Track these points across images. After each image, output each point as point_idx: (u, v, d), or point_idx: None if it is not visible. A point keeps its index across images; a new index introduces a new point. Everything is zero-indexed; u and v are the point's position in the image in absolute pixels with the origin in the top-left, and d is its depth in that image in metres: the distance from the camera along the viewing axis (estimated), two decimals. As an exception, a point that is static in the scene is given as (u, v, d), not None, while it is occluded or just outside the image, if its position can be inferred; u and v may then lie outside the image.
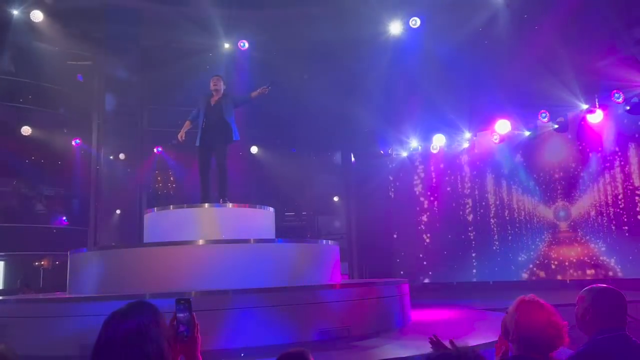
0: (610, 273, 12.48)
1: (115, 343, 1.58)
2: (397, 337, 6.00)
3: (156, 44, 14.23)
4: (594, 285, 2.58)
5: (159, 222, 7.34)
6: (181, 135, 7.66)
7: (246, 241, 6.42)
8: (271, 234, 7.61)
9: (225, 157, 7.56)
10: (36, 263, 15.35)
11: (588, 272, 12.84)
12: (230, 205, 7.36)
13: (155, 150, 16.11)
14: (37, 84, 13.77)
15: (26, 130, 13.86)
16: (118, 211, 16.41)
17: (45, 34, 13.18)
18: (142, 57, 14.07)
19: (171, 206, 7.51)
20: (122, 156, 15.65)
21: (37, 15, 12.54)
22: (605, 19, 11.16)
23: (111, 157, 15.79)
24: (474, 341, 5.05)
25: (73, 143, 14.75)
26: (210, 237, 6.51)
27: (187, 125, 7.68)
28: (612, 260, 12.56)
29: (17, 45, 13.28)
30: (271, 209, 7.82)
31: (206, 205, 7.31)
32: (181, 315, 1.84)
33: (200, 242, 6.25)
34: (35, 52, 13.44)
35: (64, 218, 15.42)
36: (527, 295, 2.27)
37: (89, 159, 14.80)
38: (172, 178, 17.24)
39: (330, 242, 7.49)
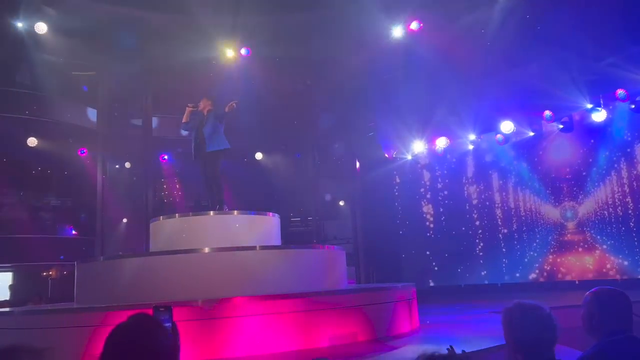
0: (618, 274, 12.42)
1: (126, 357, 1.56)
2: (406, 341, 5.98)
3: (160, 53, 14.29)
4: (599, 288, 2.57)
5: (166, 230, 7.37)
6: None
7: (252, 248, 6.42)
8: (277, 240, 7.61)
9: (214, 167, 7.78)
10: (44, 273, 15.41)
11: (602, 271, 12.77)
12: (235, 212, 7.41)
13: (161, 158, 16.16)
14: (43, 95, 13.84)
15: (32, 141, 13.94)
16: (125, 220, 16.47)
17: (50, 46, 13.26)
18: (145, 65, 14.12)
19: (177, 215, 7.54)
20: (127, 165, 15.70)
21: (42, 27, 12.63)
22: (609, 17, 11.11)
23: (117, 166, 15.86)
24: (477, 345, 5.05)
25: (79, 153, 14.82)
26: (216, 244, 6.51)
27: None
28: (621, 260, 12.49)
29: (22, 57, 13.37)
30: (276, 216, 7.83)
31: (211, 213, 7.35)
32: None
33: (207, 249, 6.25)
34: (40, 64, 13.52)
35: (71, 228, 15.48)
36: (511, 301, 2.31)
37: (94, 168, 14.86)
38: (178, 186, 17.28)
39: (336, 247, 7.49)
